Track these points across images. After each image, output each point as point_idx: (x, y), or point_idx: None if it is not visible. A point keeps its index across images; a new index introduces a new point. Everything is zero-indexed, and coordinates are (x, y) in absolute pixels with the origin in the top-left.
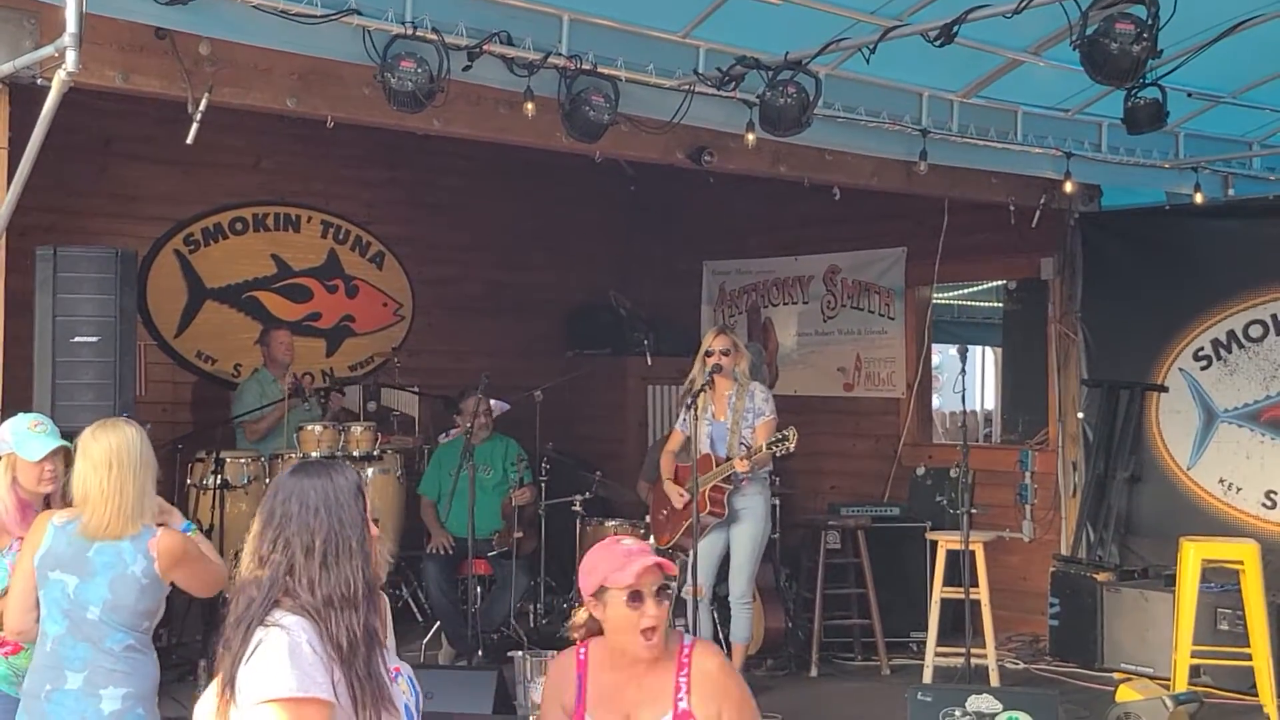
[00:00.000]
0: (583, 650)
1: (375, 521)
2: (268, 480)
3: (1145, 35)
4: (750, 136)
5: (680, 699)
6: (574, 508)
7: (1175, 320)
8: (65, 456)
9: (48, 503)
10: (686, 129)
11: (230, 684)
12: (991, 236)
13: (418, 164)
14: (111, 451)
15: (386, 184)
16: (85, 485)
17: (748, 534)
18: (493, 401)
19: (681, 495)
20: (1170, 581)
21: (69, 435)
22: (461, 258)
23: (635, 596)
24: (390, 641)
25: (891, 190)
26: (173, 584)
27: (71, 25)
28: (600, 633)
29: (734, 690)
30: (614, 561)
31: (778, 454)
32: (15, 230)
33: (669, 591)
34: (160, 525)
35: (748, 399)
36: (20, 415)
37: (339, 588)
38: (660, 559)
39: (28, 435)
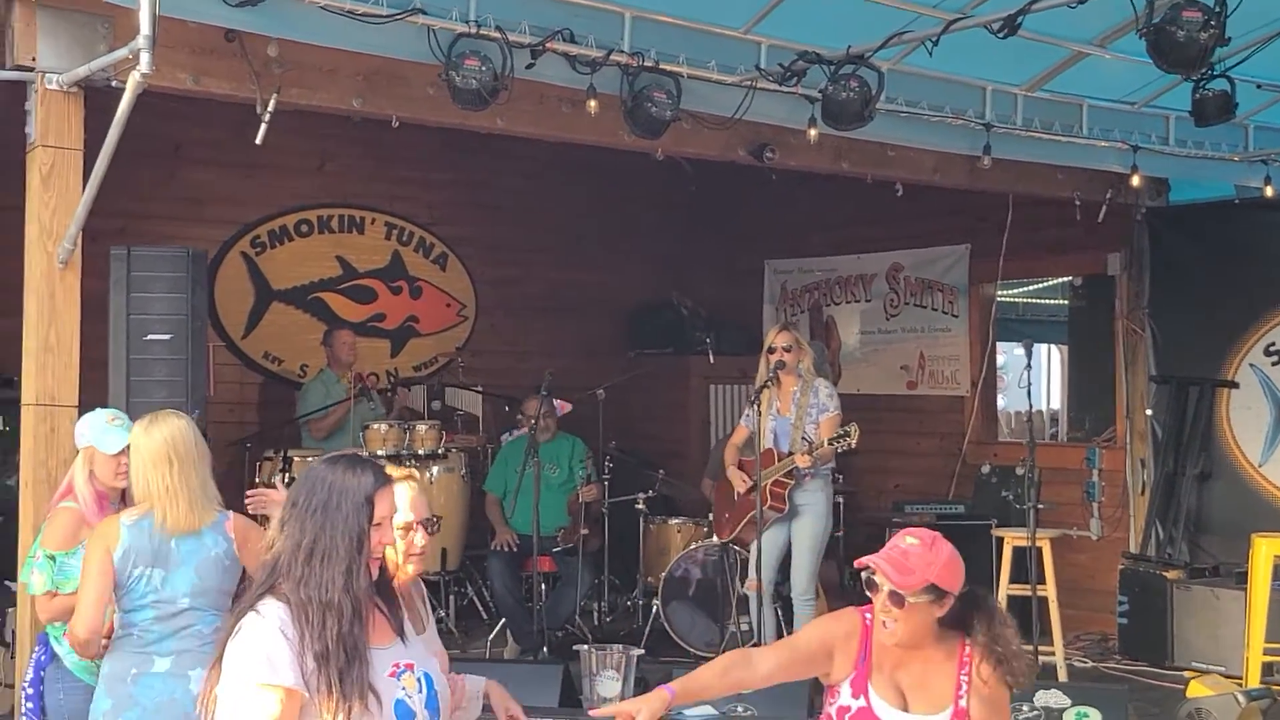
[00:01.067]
0: (868, 615)
1: (433, 522)
2: None
3: (1213, 23)
4: (812, 132)
5: (961, 697)
6: (637, 506)
7: (1245, 315)
8: None
9: (123, 496)
10: (748, 125)
11: (218, 662)
12: (1057, 232)
13: (480, 165)
14: (169, 446)
15: (449, 185)
16: (147, 483)
17: (809, 529)
18: (555, 401)
19: (745, 481)
20: (1242, 579)
21: None
22: (524, 258)
23: (870, 586)
24: (411, 634)
25: (955, 186)
26: None
27: (145, 27)
28: None
29: (1002, 702)
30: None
31: (839, 450)
32: (88, 234)
33: (900, 599)
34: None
35: (812, 394)
36: (97, 410)
37: (317, 590)
38: (889, 572)
39: (105, 429)
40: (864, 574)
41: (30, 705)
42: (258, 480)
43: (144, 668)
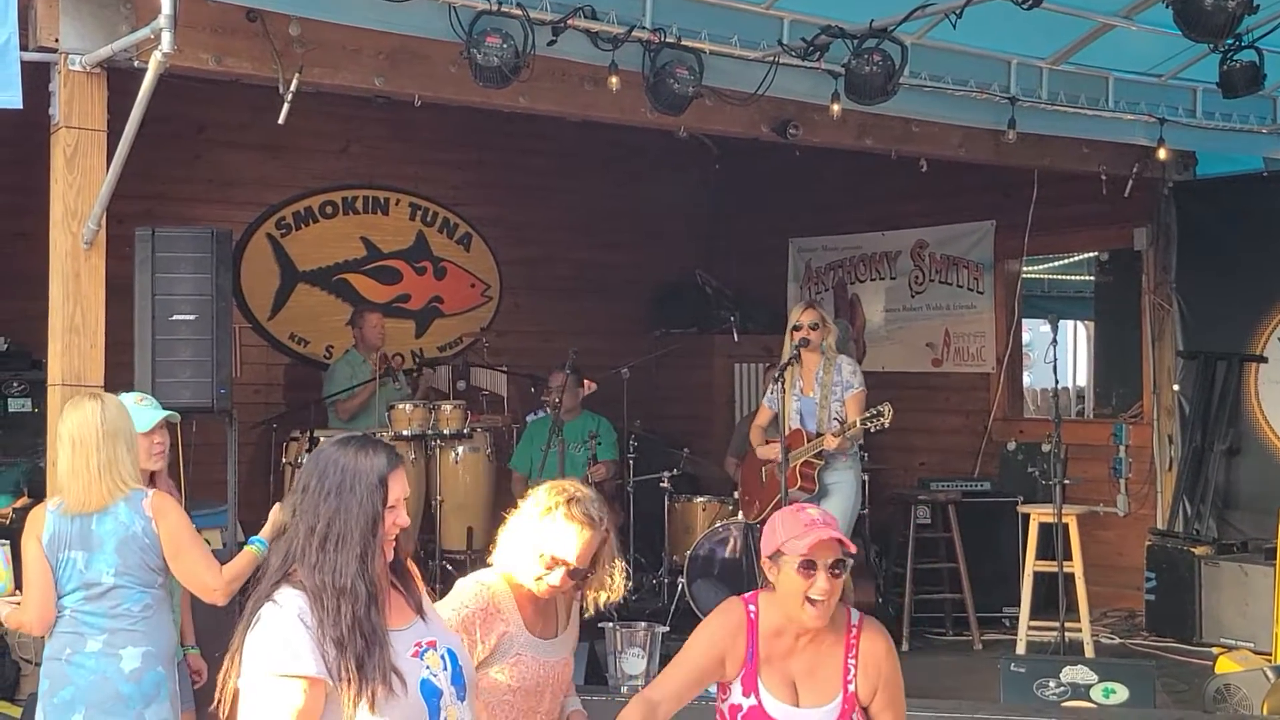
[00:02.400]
0: (752, 607)
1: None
2: None
3: None
4: (835, 107)
5: (850, 681)
6: (662, 484)
7: (1274, 289)
8: (171, 431)
9: (153, 480)
10: (771, 101)
11: (237, 653)
12: (1082, 207)
13: (504, 146)
14: (72, 429)
15: (473, 166)
16: (57, 466)
17: (837, 509)
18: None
19: (776, 456)
20: (1271, 555)
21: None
22: (548, 238)
23: (808, 566)
24: (430, 611)
25: (979, 161)
26: None
27: (166, 7)
28: None
29: (894, 676)
30: (794, 529)
31: (873, 430)
32: (113, 217)
33: (844, 568)
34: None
35: (835, 373)
36: (124, 393)
37: (331, 575)
38: (841, 535)
39: (135, 409)
40: (828, 562)
41: None
42: (284, 461)
43: (77, 647)
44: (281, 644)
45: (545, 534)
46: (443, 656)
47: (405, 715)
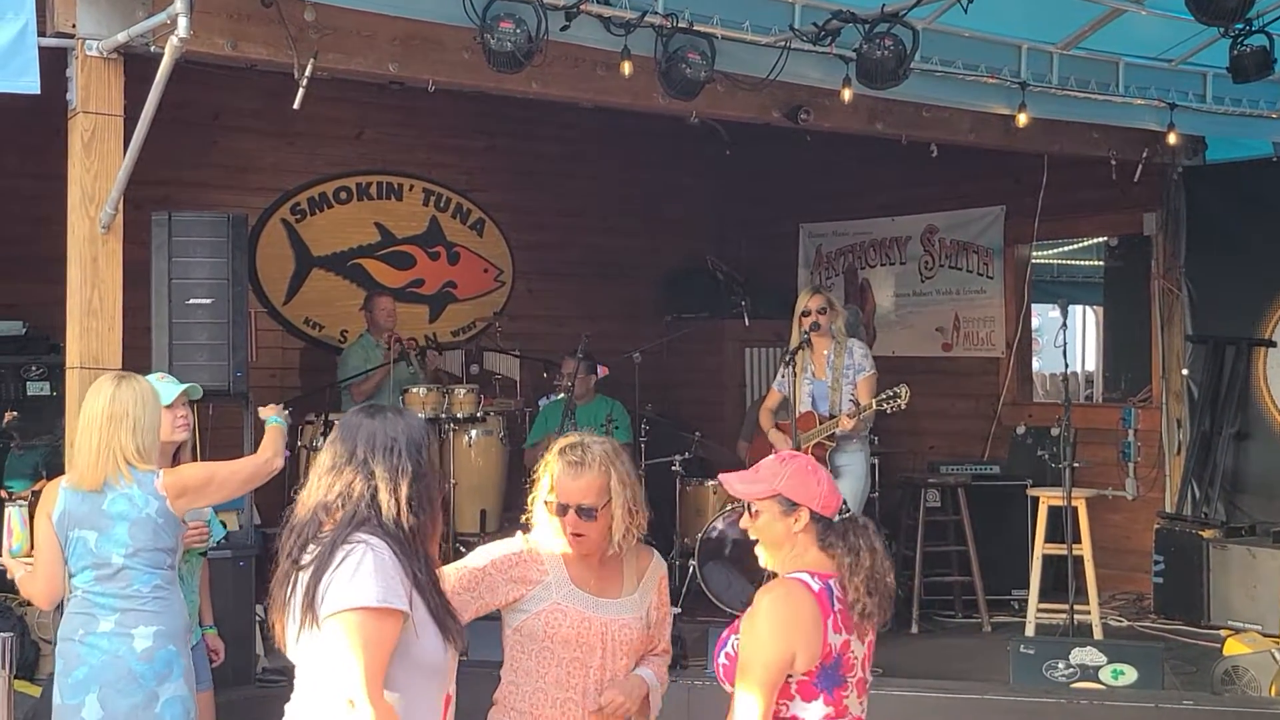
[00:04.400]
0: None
1: (586, 511)
2: None
3: None
4: (847, 92)
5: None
6: (673, 468)
7: None
8: (193, 407)
9: (177, 456)
10: (783, 86)
11: (310, 597)
12: (1092, 193)
13: (516, 132)
14: (86, 408)
15: (486, 152)
16: (72, 444)
17: (847, 490)
18: (599, 369)
19: (788, 440)
20: (1279, 538)
21: None
22: (560, 224)
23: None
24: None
25: (990, 146)
26: None
27: None
28: None
29: (749, 629)
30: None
31: (889, 410)
32: (130, 202)
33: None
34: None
35: (847, 356)
36: (147, 375)
37: (411, 522)
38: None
39: (156, 384)
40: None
41: None
42: (299, 444)
43: (90, 627)
44: (382, 578)
45: (548, 486)
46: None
47: (453, 661)
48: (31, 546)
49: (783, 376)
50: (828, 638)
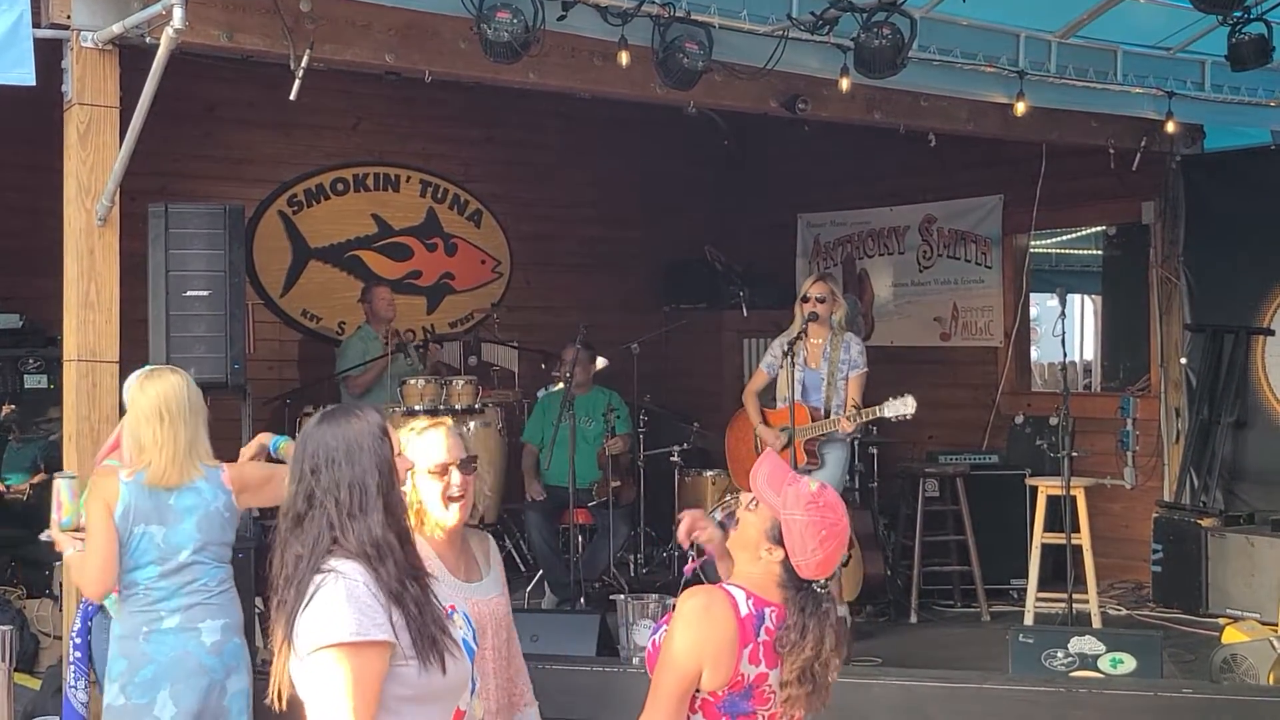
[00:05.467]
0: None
1: (470, 462)
2: None
3: None
4: (844, 81)
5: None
6: (672, 458)
7: None
8: None
9: None
10: (780, 76)
11: (289, 634)
12: (1091, 181)
13: (514, 123)
14: (160, 401)
15: (484, 143)
16: (139, 437)
17: (827, 477)
18: (599, 360)
19: (777, 438)
20: (1277, 526)
21: None
22: (558, 215)
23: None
24: (444, 577)
25: (988, 135)
26: None
27: None
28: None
29: (669, 631)
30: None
31: (893, 420)
32: (127, 194)
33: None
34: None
35: (843, 350)
36: (143, 368)
37: (366, 537)
38: None
39: None
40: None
41: (79, 654)
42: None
43: (154, 624)
44: (351, 610)
45: (419, 459)
46: (464, 615)
47: (460, 677)
48: (81, 521)
49: (772, 358)
50: (740, 666)
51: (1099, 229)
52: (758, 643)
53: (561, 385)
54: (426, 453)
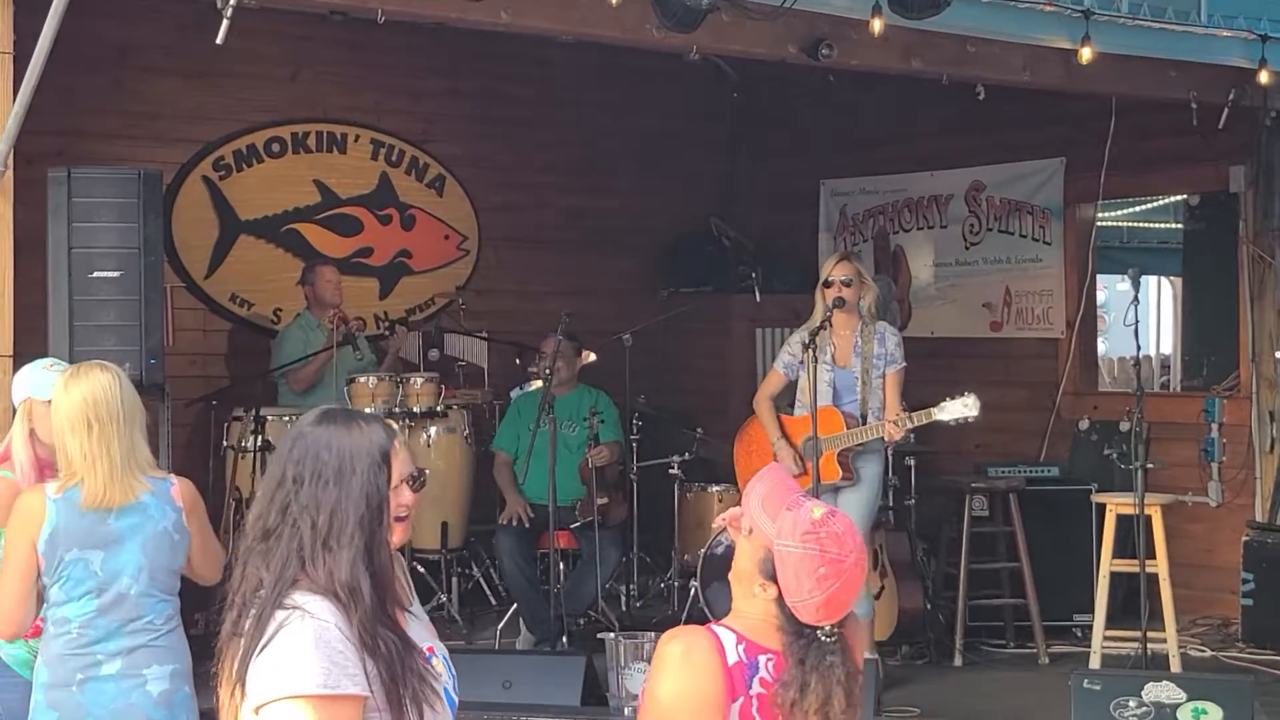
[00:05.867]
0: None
1: (418, 478)
2: None
3: None
4: (877, 23)
5: None
6: (671, 471)
7: None
8: None
9: (44, 472)
10: (800, 16)
11: (241, 675)
12: (1169, 142)
13: (483, 72)
14: (87, 407)
15: (447, 96)
16: (66, 448)
17: (860, 495)
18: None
19: (793, 458)
20: None
21: None
22: (535, 181)
23: None
24: (420, 613)
25: (1047, 88)
26: None
27: None
28: None
29: (650, 677)
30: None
31: (952, 424)
32: (21, 157)
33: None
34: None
35: (877, 342)
36: (34, 361)
37: (335, 575)
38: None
39: (46, 376)
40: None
41: None
42: (226, 444)
43: (90, 671)
44: (325, 657)
45: None
46: (443, 659)
47: None
48: None
49: (790, 357)
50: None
51: (1178, 198)
52: (749, 696)
53: (540, 384)
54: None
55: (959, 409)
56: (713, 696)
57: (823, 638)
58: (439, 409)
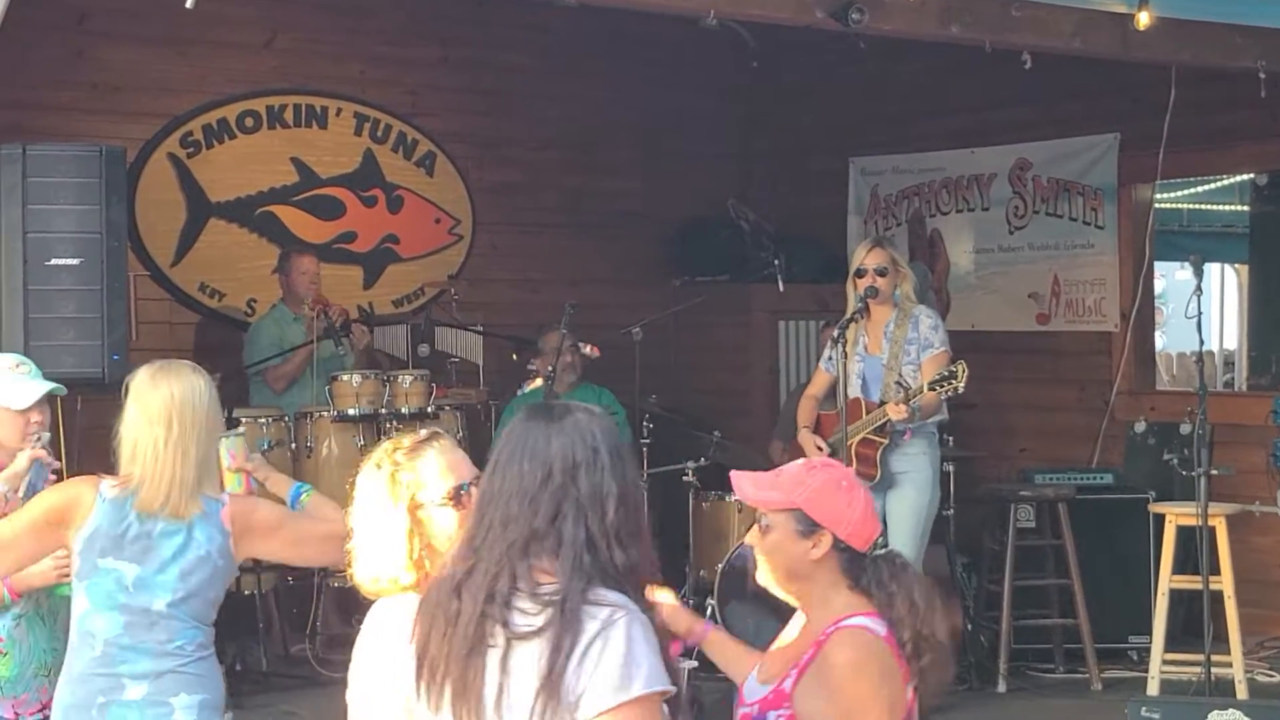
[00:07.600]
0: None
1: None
2: (293, 445)
3: None
4: None
5: (787, 678)
6: (685, 478)
7: None
8: (50, 407)
9: (60, 474)
10: None
11: (556, 680)
12: (1235, 116)
13: (476, 39)
14: (174, 404)
15: (437, 66)
16: (137, 443)
17: (910, 504)
18: (585, 349)
19: (820, 450)
20: None
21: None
22: (533, 159)
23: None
24: None
25: (1100, 56)
26: None
27: None
28: None
29: (845, 695)
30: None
31: (943, 396)
32: None
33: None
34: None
35: (910, 327)
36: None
37: (633, 568)
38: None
39: (10, 378)
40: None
41: None
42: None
43: (113, 695)
44: (655, 654)
45: (423, 485)
46: None
47: None
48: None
49: (831, 354)
50: (906, 696)
51: (1245, 178)
52: (904, 661)
53: (540, 382)
54: (435, 477)
55: (948, 380)
56: (900, 674)
57: (876, 555)
58: (429, 410)
